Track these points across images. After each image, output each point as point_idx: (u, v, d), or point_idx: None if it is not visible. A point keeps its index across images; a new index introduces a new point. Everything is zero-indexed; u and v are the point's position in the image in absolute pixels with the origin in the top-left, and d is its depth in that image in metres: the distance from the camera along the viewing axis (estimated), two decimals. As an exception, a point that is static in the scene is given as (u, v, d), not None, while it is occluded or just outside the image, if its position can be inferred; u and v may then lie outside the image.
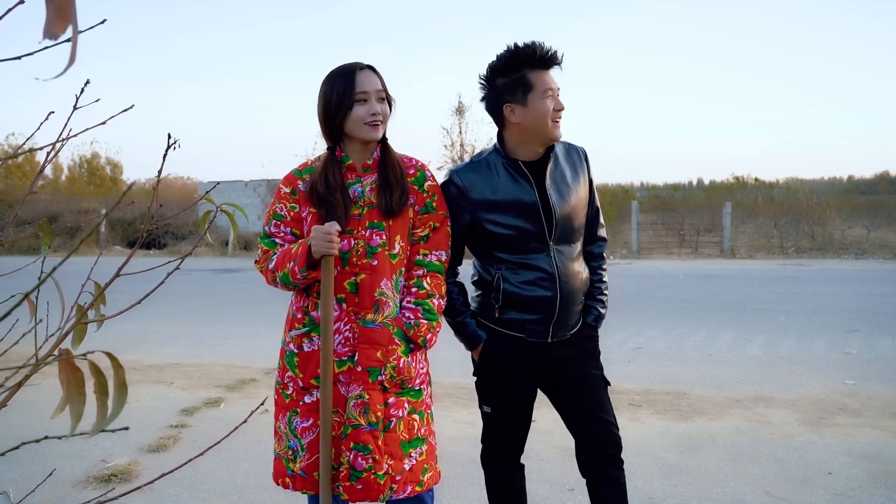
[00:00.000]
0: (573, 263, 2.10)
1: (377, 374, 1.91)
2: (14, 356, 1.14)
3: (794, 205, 18.36)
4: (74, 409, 0.85)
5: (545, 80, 2.01)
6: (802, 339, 6.33)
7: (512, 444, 2.21)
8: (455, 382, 4.91)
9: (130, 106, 1.12)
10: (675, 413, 4.23)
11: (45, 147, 1.10)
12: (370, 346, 1.91)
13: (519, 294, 2.06)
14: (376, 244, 1.94)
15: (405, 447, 1.94)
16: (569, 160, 2.14)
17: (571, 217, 2.09)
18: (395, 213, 1.96)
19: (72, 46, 0.58)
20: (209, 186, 7.25)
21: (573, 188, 2.10)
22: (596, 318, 2.19)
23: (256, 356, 5.91)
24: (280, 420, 2.01)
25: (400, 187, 1.97)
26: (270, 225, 2.02)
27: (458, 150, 18.63)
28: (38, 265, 1.20)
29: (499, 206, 2.05)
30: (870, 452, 3.50)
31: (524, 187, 2.05)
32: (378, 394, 1.91)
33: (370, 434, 1.89)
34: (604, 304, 2.21)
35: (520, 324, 2.08)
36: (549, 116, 2.00)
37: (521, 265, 2.06)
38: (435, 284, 2.02)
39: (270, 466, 2.09)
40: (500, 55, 2.03)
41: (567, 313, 2.09)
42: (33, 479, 3.14)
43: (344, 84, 1.92)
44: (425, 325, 1.98)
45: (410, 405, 1.97)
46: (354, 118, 1.92)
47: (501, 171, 2.07)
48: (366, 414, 1.89)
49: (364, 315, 1.93)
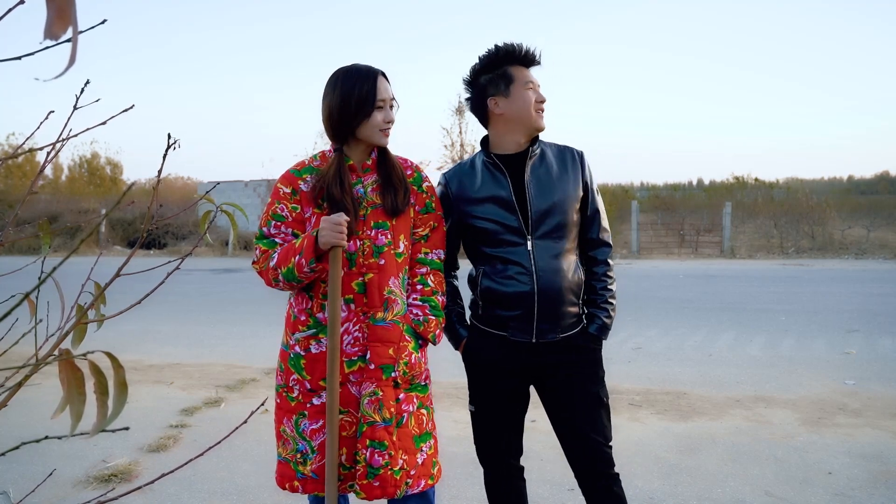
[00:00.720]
0: (557, 260, 2.06)
1: (391, 371, 1.93)
2: (14, 356, 1.14)
3: (794, 205, 18.37)
4: (74, 409, 0.85)
5: (526, 74, 2.08)
6: (802, 339, 6.33)
7: (500, 443, 2.20)
8: (455, 382, 4.91)
9: (130, 106, 1.12)
10: (675, 413, 4.23)
11: (45, 147, 1.10)
12: (382, 344, 1.93)
13: (497, 289, 2.06)
14: (382, 243, 1.96)
15: (417, 441, 1.98)
16: (560, 159, 2.14)
17: (553, 213, 2.06)
18: (400, 212, 1.98)
19: (72, 47, 0.58)
20: (209, 186, 7.25)
21: (558, 185, 2.08)
22: (599, 329, 2.10)
23: (256, 356, 5.91)
24: (285, 424, 2.00)
25: (403, 187, 1.99)
26: (269, 226, 1.98)
27: (458, 150, 18.63)
28: (38, 265, 1.20)
29: (479, 201, 2.08)
30: (870, 452, 3.50)
31: (500, 181, 2.07)
32: (391, 390, 1.94)
33: (385, 430, 1.91)
34: (608, 314, 2.13)
35: (503, 321, 2.08)
36: (532, 106, 2.06)
37: (500, 259, 2.06)
38: (438, 282, 2.07)
39: (271, 466, 2.09)
40: (481, 56, 2.10)
41: (551, 311, 2.05)
42: (33, 479, 3.14)
43: (367, 88, 1.92)
44: (434, 321, 2.02)
45: (419, 400, 2.01)
46: (372, 123, 1.94)
47: (482, 168, 2.12)
48: (380, 410, 1.91)
49: (374, 314, 1.94)
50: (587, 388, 2.11)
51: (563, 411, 2.12)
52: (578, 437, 2.10)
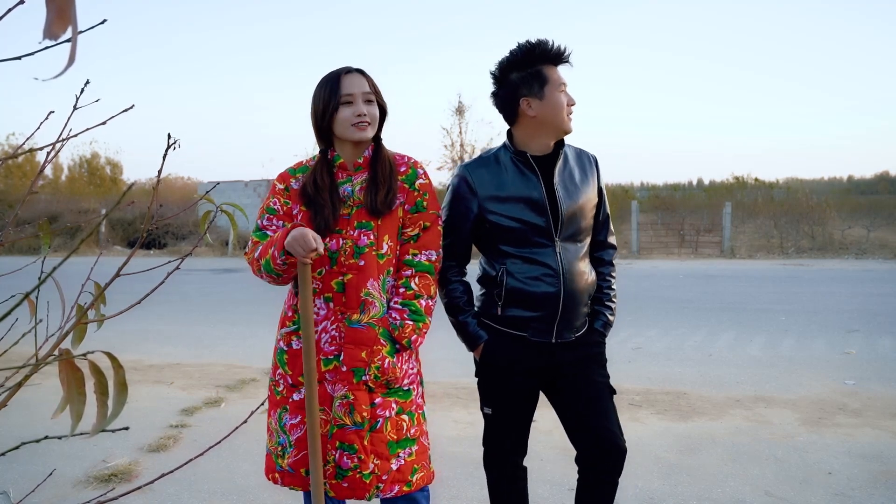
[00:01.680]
0: (578, 263, 2.09)
1: (361, 374, 1.92)
2: (14, 356, 1.14)
3: (794, 205, 18.35)
4: (74, 409, 0.85)
5: (559, 75, 2.07)
6: (802, 339, 6.33)
7: (513, 445, 2.20)
8: (455, 382, 4.92)
9: (130, 106, 1.12)
10: (675, 413, 4.23)
11: (45, 147, 1.10)
12: (355, 346, 1.92)
13: (523, 289, 2.05)
14: (364, 244, 1.94)
15: (392, 447, 1.95)
16: (579, 163, 2.16)
17: (578, 216, 2.09)
18: (381, 212, 1.95)
19: (71, 47, 0.58)
20: (209, 186, 7.25)
21: (580, 188, 2.11)
22: (604, 325, 2.18)
23: (256, 356, 5.90)
24: (272, 416, 2.03)
25: (387, 186, 1.96)
26: (263, 218, 2.03)
27: (458, 150, 18.62)
28: (38, 265, 1.20)
29: (506, 200, 2.06)
30: (870, 452, 3.50)
31: (532, 181, 2.06)
32: (364, 394, 1.92)
33: (355, 434, 1.91)
34: (612, 311, 2.21)
35: (524, 322, 2.08)
36: (564, 110, 2.06)
37: (526, 260, 2.05)
38: (423, 285, 1.99)
39: (270, 466, 2.10)
40: (513, 51, 2.06)
41: (571, 313, 2.08)
42: (33, 479, 3.14)
43: (330, 88, 1.96)
44: (410, 325, 1.96)
45: (399, 405, 1.97)
46: (340, 120, 1.95)
47: (510, 165, 2.09)
48: (350, 414, 1.91)
49: (350, 315, 1.93)
50: (598, 380, 2.14)
51: (577, 403, 2.12)
52: (595, 425, 2.09)
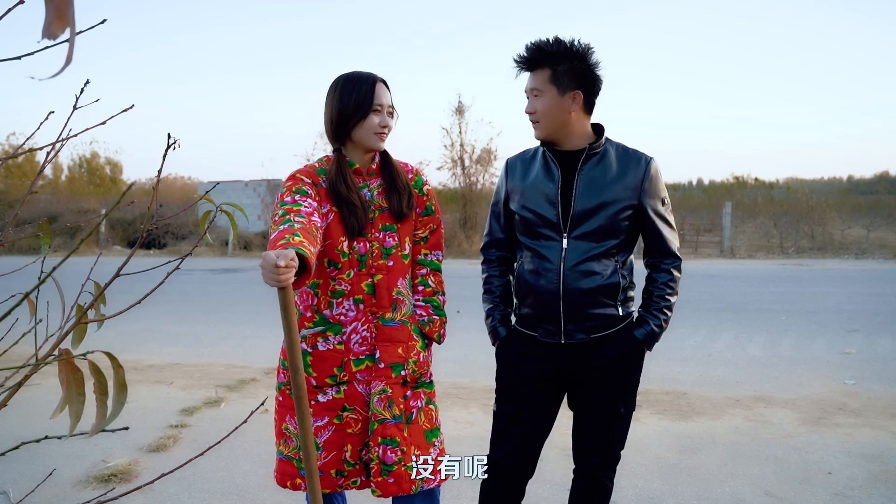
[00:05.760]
0: (593, 262, 2.00)
1: (400, 369, 1.98)
2: (14, 356, 1.14)
3: (793, 205, 18.34)
4: (74, 409, 0.85)
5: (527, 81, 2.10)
6: (802, 339, 6.33)
7: (515, 452, 2.13)
8: (455, 382, 4.92)
9: (130, 106, 1.12)
10: (675, 413, 4.23)
11: (45, 147, 1.10)
12: (391, 343, 1.98)
13: (528, 283, 2.06)
14: (390, 245, 2.01)
15: (429, 437, 2.04)
16: (622, 161, 2.02)
17: (598, 214, 1.98)
18: (405, 216, 2.04)
19: (69, 47, 0.58)
20: (209, 186, 7.25)
21: (609, 187, 1.99)
22: (647, 336, 2.04)
23: (256, 356, 5.90)
24: (288, 421, 2.01)
25: (407, 192, 2.05)
26: (293, 196, 1.85)
27: (458, 150, 18.59)
28: (38, 265, 1.20)
29: (526, 190, 2.09)
30: (870, 452, 3.50)
31: (552, 174, 2.04)
32: (399, 388, 1.98)
33: (396, 427, 1.95)
34: (660, 323, 2.05)
35: (534, 321, 2.08)
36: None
37: (536, 253, 2.06)
38: (438, 282, 2.13)
39: (271, 466, 2.09)
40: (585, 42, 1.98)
41: (577, 312, 2.00)
42: (33, 479, 3.14)
43: (364, 92, 1.96)
44: (438, 321, 2.09)
45: (426, 396, 2.07)
46: (367, 126, 1.96)
47: (540, 158, 2.11)
48: (390, 408, 1.95)
49: (383, 314, 1.99)
50: (609, 405, 2.09)
51: (581, 421, 2.15)
52: (584, 458, 2.16)
